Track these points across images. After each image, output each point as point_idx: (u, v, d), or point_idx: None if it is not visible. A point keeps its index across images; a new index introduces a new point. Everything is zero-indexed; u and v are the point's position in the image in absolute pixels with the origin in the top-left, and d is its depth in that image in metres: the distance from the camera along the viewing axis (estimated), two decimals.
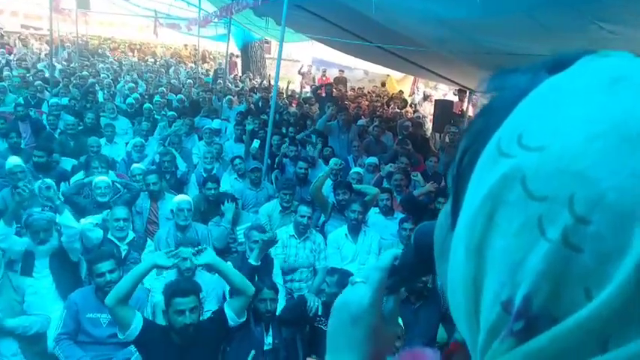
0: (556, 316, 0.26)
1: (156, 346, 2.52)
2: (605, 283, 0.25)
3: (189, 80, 11.84)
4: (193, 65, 15.66)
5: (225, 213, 4.22)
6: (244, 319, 2.81)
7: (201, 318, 2.73)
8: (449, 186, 0.38)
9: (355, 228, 4.12)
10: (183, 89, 10.85)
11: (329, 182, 5.02)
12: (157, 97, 8.96)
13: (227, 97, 9.43)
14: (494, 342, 0.29)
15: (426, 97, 11.09)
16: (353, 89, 12.56)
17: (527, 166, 0.28)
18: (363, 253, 4.11)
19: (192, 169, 6.01)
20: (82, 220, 3.63)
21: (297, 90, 12.58)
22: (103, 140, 6.12)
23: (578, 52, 0.33)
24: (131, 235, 3.82)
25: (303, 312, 3.12)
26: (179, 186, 5.41)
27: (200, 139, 6.97)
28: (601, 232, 0.25)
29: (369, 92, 12.37)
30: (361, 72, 14.50)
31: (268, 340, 2.95)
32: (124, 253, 3.67)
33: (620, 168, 0.26)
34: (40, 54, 14.38)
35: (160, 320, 2.90)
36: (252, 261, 2.92)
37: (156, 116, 7.91)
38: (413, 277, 0.59)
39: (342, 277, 3.17)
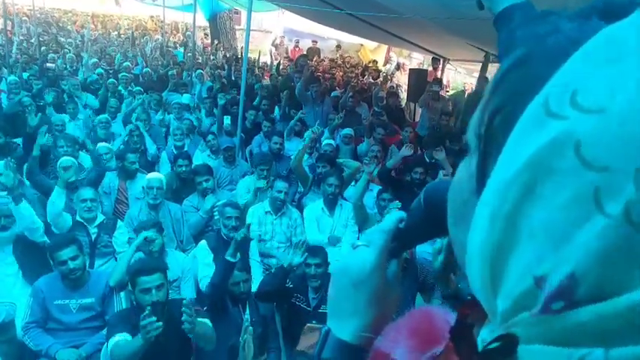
0: (603, 298, 0.25)
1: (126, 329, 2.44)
2: None
3: (156, 54, 11.39)
4: (160, 38, 15.06)
5: (205, 203, 4.08)
6: None
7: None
8: (471, 147, 0.35)
9: (332, 202, 4.07)
10: (151, 63, 10.44)
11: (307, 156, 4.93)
12: (122, 73, 8.61)
13: (198, 71, 9.10)
14: (523, 313, 0.28)
15: (399, 67, 10.97)
16: (325, 60, 12.34)
17: (583, 131, 0.25)
18: (339, 226, 4.07)
19: (162, 146, 5.82)
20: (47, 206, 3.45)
21: (269, 62, 12.27)
22: (66, 117, 5.85)
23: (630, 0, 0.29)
24: (100, 217, 3.67)
25: (281, 284, 3.07)
26: (149, 164, 5.24)
27: (169, 114, 6.75)
28: None
29: (342, 62, 12.17)
30: (334, 42, 14.24)
31: (246, 318, 2.91)
32: (93, 236, 3.53)
33: None
34: None
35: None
36: (228, 257, 2.87)
37: (122, 92, 7.62)
38: (420, 239, 0.57)
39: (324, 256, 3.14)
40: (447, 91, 9.12)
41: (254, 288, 3.14)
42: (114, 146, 5.16)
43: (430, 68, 9.06)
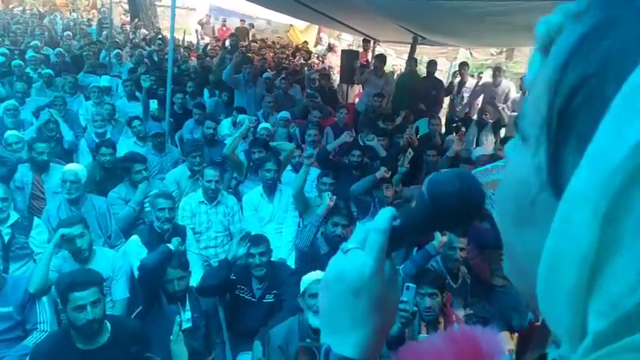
0: None
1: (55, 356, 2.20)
2: None
3: (67, 32, 10.44)
4: (73, 14, 13.83)
5: (137, 194, 3.79)
6: None
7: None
8: (529, 136, 0.31)
9: (271, 187, 3.97)
10: (62, 42, 9.56)
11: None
12: (30, 52, 7.79)
13: (116, 51, 8.47)
14: (632, 337, 0.22)
15: (330, 48, 10.93)
16: (256, 40, 12.00)
17: None
18: (280, 212, 3.99)
19: (80, 133, 5.36)
20: None
21: (195, 41, 11.72)
22: None
23: None
24: (14, 215, 3.30)
25: (226, 276, 2.95)
26: (66, 154, 4.81)
27: (87, 98, 6.23)
28: None
29: (273, 43, 11.91)
30: (263, 22, 13.87)
31: (186, 316, 2.76)
32: (7, 238, 3.17)
33: None
34: None
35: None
36: (171, 246, 2.71)
37: (31, 75, 6.91)
38: (419, 235, 0.53)
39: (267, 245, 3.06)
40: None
41: (194, 281, 3.00)
42: (25, 135, 4.66)
43: (361, 50, 9.10)
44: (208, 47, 9.89)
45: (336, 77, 9.01)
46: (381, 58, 7.30)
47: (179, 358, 2.40)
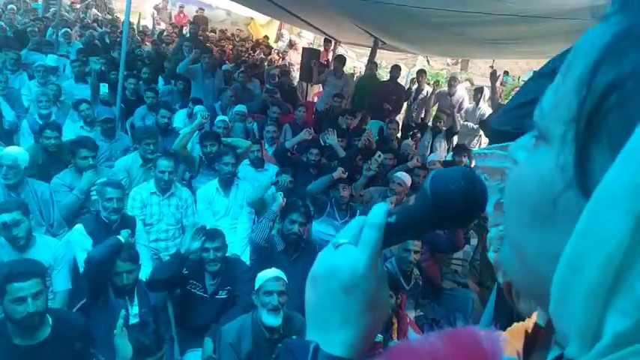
0: None
1: None
2: None
3: (11, 5, 9.74)
4: None
5: (83, 179, 3.57)
6: None
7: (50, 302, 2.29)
8: (551, 134, 0.31)
9: (227, 181, 3.88)
10: (4, 15, 8.90)
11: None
12: None
13: (64, 30, 7.99)
14: None
15: (292, 45, 10.87)
16: (214, 31, 11.72)
17: None
18: (235, 207, 3.91)
19: (22, 114, 5.01)
20: None
21: (150, 26, 11.28)
22: None
23: None
24: None
25: (177, 271, 2.84)
26: (6, 135, 4.48)
27: (31, 77, 5.83)
28: None
29: (232, 35, 11.68)
30: (223, 12, 13.56)
31: (133, 311, 2.64)
32: None
33: None
34: None
35: None
36: (121, 238, 2.58)
37: None
38: (416, 233, 0.51)
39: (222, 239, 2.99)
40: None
41: (143, 275, 2.87)
42: None
43: (322, 49, 9.12)
44: (164, 33, 9.56)
45: (296, 75, 8.98)
46: (340, 59, 7.35)
47: (123, 353, 2.28)
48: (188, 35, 8.03)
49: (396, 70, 7.34)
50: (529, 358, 0.40)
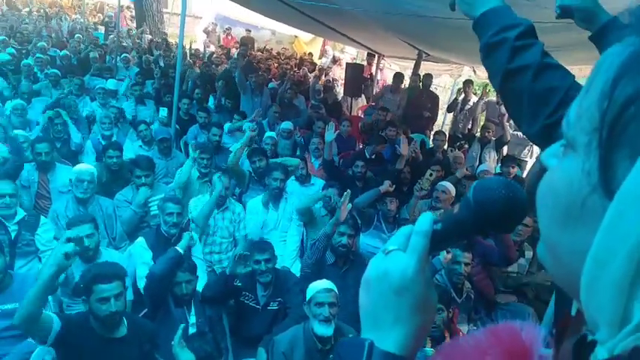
0: None
1: (76, 342, 2.21)
2: None
3: (78, 35, 10.49)
4: (78, 17, 13.91)
5: (138, 195, 3.80)
6: None
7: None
8: (576, 142, 0.34)
9: (276, 196, 3.99)
10: (70, 45, 9.60)
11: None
12: (37, 53, 7.84)
13: (123, 55, 8.52)
14: None
15: (335, 61, 11.03)
16: (261, 50, 12.09)
17: None
18: (284, 220, 4.01)
19: (86, 135, 5.38)
20: None
21: (201, 49, 11.80)
22: None
23: None
24: (20, 212, 3.30)
25: (226, 288, 2.96)
26: (72, 155, 4.82)
27: (92, 100, 6.26)
28: None
29: (278, 54, 12.00)
30: (268, 32, 13.98)
31: (191, 320, 2.77)
32: (13, 234, 3.17)
33: None
34: None
35: None
36: (179, 248, 2.73)
37: (38, 75, 6.95)
38: (460, 239, 0.59)
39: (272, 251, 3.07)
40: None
41: (199, 286, 3.00)
42: (32, 135, 4.68)
43: (365, 63, 9.19)
44: (214, 55, 9.96)
45: (340, 90, 9.08)
46: (399, 77, 7.45)
47: None
48: (237, 56, 8.33)
49: (427, 78, 7.29)
50: (560, 345, 0.42)
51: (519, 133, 6.39)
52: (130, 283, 3.14)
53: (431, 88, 7.46)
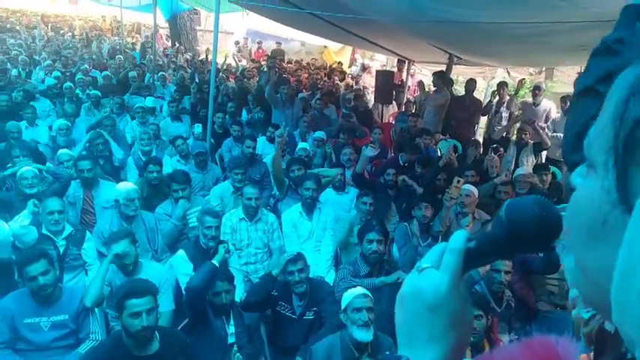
0: None
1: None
2: None
3: (119, 56, 10.97)
4: (116, 39, 14.54)
5: (177, 208, 3.94)
6: None
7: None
8: (595, 161, 0.35)
9: (310, 206, 4.02)
10: (111, 66, 10.04)
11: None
12: (79, 75, 8.24)
13: (160, 73, 8.84)
14: None
15: (365, 68, 11.05)
16: (291, 62, 12.27)
17: None
18: (319, 230, 4.03)
19: (127, 151, 5.60)
20: (10, 223, 3.22)
21: (233, 64, 12.08)
22: (22, 124, 5.52)
23: None
24: (68, 228, 3.48)
25: (269, 291, 3.01)
26: (115, 171, 5.03)
27: (132, 118, 6.52)
28: None
29: (307, 64, 12.14)
30: (298, 43, 14.18)
31: (230, 330, 2.83)
32: (62, 249, 3.34)
33: None
34: None
35: None
36: (215, 262, 2.81)
37: (80, 96, 7.30)
38: (493, 258, 0.55)
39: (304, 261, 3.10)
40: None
41: (236, 297, 3.06)
42: (75, 153, 4.91)
43: (395, 70, 9.17)
44: (246, 69, 10.19)
45: (370, 97, 9.08)
46: (440, 75, 7.30)
47: None
48: (267, 70, 8.49)
49: (471, 83, 7.17)
50: None
51: (559, 134, 6.19)
52: (171, 293, 3.26)
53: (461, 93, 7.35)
